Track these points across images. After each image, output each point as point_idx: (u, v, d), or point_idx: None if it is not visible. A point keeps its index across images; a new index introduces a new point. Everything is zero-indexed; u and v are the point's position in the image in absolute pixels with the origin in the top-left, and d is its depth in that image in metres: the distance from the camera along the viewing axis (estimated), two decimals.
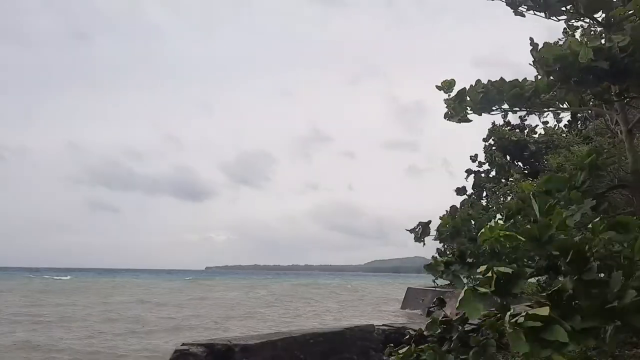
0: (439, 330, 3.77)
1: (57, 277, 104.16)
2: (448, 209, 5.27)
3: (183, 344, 9.15)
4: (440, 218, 4.77)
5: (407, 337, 4.46)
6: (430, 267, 4.62)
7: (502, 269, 2.85)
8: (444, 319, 3.73)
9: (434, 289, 32.45)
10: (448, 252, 5.12)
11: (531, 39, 5.36)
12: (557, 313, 2.56)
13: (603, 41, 4.48)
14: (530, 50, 5.22)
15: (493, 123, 31.51)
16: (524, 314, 2.50)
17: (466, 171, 33.33)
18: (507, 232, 3.31)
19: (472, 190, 32.73)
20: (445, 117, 5.96)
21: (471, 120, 5.82)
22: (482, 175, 32.33)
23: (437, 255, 5.09)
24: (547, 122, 29.01)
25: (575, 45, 4.41)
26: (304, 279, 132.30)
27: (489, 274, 2.84)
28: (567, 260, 2.87)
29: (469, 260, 4.10)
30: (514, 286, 2.83)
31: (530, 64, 5.22)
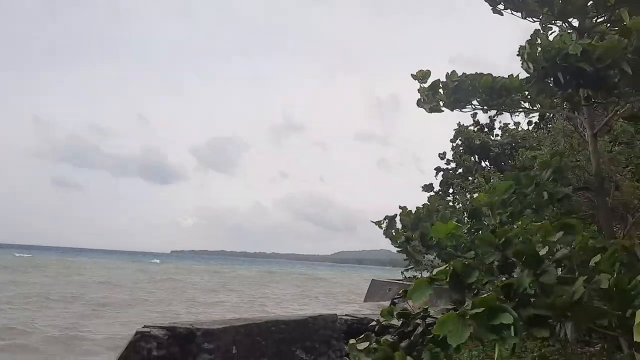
0: (399, 324, 3.76)
1: (19, 254, 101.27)
2: (421, 206, 5.28)
3: (144, 326, 9.02)
4: (400, 207, 4.81)
5: (370, 324, 4.45)
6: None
7: (459, 264, 2.86)
8: (402, 311, 3.71)
9: (398, 281, 32.81)
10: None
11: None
12: (512, 305, 2.60)
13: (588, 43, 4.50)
14: (520, 47, 5.19)
15: (459, 124, 31.82)
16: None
17: (435, 169, 33.62)
18: (457, 232, 3.37)
19: (439, 187, 33.05)
20: (417, 104, 6.00)
21: (442, 111, 5.86)
22: (450, 172, 32.68)
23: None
24: (519, 123, 29.46)
25: (567, 39, 4.44)
26: (270, 267, 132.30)
27: (446, 267, 2.86)
28: (522, 262, 2.90)
29: (430, 242, 4.15)
30: (468, 277, 2.85)
31: (507, 63, 5.25)
